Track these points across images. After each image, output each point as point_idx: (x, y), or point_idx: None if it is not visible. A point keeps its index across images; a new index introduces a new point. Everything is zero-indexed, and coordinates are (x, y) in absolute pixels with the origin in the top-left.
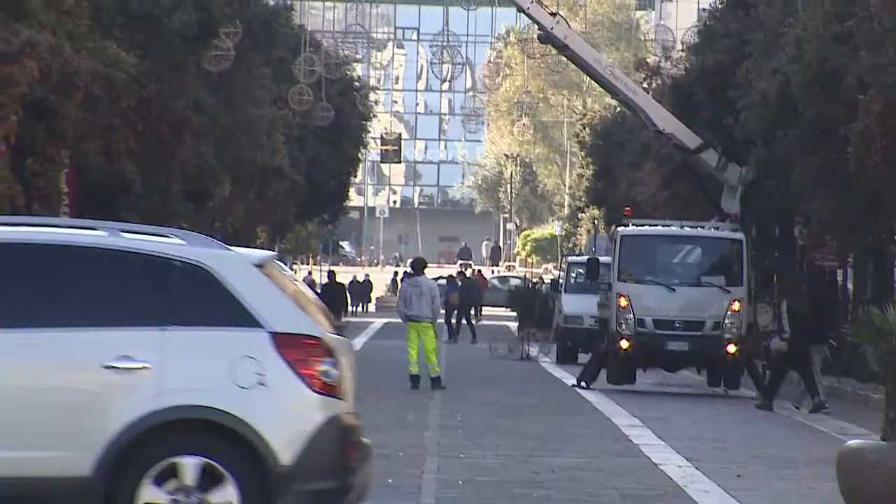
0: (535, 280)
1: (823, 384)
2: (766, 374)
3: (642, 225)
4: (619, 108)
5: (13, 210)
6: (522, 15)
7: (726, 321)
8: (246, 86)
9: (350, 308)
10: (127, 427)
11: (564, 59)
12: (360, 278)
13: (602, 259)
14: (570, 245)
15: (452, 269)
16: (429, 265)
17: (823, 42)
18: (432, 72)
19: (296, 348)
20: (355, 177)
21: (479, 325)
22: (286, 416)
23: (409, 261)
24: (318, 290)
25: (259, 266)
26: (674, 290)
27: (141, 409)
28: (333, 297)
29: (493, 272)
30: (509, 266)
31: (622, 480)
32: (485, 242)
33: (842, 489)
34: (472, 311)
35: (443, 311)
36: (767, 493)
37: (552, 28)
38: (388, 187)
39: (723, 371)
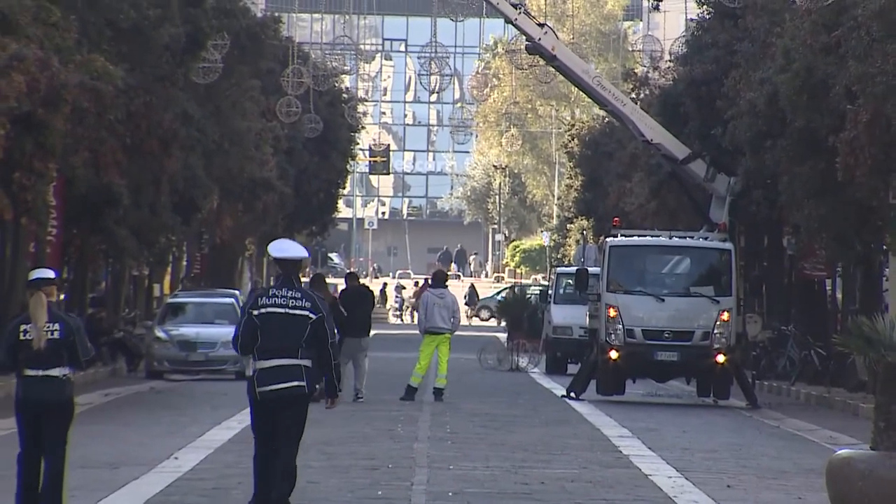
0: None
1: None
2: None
3: (631, 235)
4: (607, 119)
5: (1, 223)
6: (510, 26)
7: (715, 331)
8: (234, 98)
9: None
10: None
11: (552, 69)
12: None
13: (591, 270)
14: (559, 256)
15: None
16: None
17: (811, 52)
18: (420, 83)
19: None
20: (344, 188)
21: (468, 336)
22: None
23: (432, 272)
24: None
25: None
26: (663, 300)
27: None
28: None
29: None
30: (498, 277)
31: (612, 491)
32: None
33: (831, 499)
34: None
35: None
36: (757, 503)
37: (540, 39)
38: (376, 198)
39: (712, 381)
